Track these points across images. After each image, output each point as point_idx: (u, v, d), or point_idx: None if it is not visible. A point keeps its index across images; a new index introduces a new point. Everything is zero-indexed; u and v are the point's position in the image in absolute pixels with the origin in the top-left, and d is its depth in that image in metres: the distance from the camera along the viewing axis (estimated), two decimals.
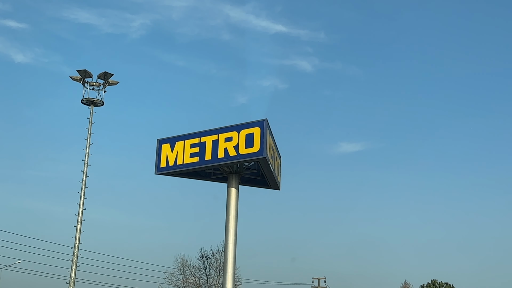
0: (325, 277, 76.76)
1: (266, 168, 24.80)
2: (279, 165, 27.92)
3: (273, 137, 25.04)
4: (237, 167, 25.29)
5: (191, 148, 24.45)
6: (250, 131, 23.85)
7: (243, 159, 24.05)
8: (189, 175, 25.88)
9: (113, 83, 45.96)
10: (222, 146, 24.12)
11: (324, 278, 76.68)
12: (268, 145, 23.97)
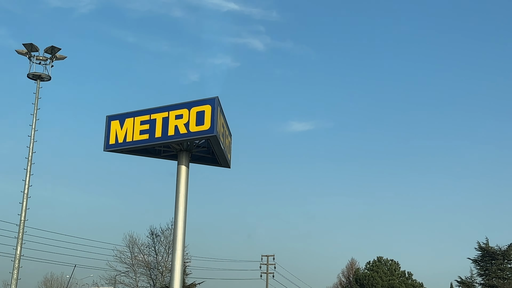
0: (273, 255, 77.61)
1: (217, 146, 24.80)
2: (229, 143, 27.95)
3: (224, 115, 25.03)
4: (188, 145, 25.23)
5: (141, 125, 24.25)
6: (200, 108, 23.81)
7: (194, 136, 24.02)
8: (139, 152, 25.69)
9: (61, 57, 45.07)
10: (172, 124, 24.00)
11: (273, 255, 77.51)
12: (218, 123, 23.96)
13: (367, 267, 70.09)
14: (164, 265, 52.56)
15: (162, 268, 52.87)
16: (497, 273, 74.01)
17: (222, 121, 24.44)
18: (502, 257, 74.90)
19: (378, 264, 69.31)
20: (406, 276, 68.27)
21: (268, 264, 77.39)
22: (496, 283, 73.95)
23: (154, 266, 53.77)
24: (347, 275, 78.34)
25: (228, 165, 27.35)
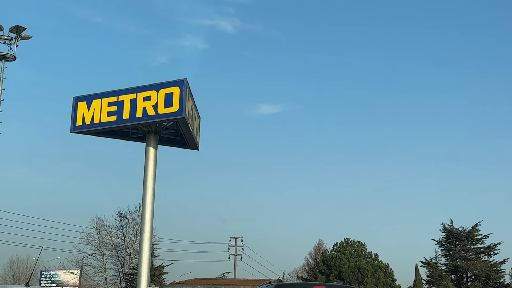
0: (242, 236, 77.94)
1: (185, 128, 24.78)
2: (198, 125, 27.91)
3: (192, 97, 24.99)
4: (156, 127, 25.15)
5: (108, 107, 24.09)
6: (169, 90, 23.73)
7: (162, 118, 23.96)
8: (106, 134, 25.54)
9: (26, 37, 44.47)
10: (140, 105, 23.90)
11: (241, 237, 77.85)
12: (187, 105, 23.93)
13: (334, 249, 70.73)
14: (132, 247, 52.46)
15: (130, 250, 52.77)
16: (461, 254, 75.45)
17: (190, 103, 24.41)
18: (466, 238, 76.35)
19: (345, 246, 69.97)
20: (372, 258, 69.08)
21: (236, 246, 77.73)
22: (459, 263, 75.39)
23: (122, 248, 53.66)
24: (314, 256, 79.04)
25: (197, 147, 27.34)
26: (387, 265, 68.46)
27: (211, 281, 72.14)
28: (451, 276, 77.06)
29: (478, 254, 76.76)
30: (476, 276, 75.59)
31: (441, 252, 79.12)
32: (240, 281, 72.32)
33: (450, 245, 78.52)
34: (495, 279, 75.03)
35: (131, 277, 47.55)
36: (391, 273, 68.00)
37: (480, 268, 74.22)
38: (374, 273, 65.62)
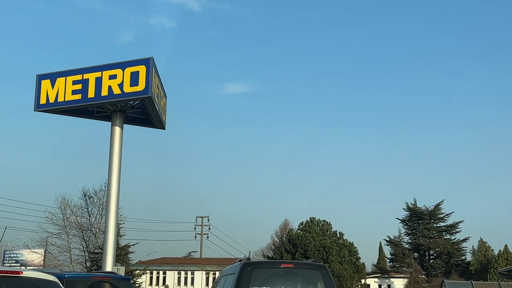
0: (208, 216, 77.95)
1: (151, 107, 24.62)
2: (164, 104, 27.76)
3: (158, 76, 24.77)
4: (122, 106, 24.93)
5: (73, 85, 23.79)
6: (135, 69, 23.50)
7: (128, 97, 23.77)
8: (71, 112, 25.24)
9: None
10: (106, 84, 23.63)
11: (208, 216, 77.86)
12: (153, 84, 23.74)
13: (300, 228, 71.20)
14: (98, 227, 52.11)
15: (96, 230, 52.43)
16: (423, 233, 76.83)
17: (157, 82, 24.19)
18: (429, 217, 77.77)
19: (310, 225, 70.46)
20: (337, 236, 69.71)
21: (202, 225, 77.74)
22: (422, 242, 76.80)
23: (87, 227, 53.26)
24: (280, 235, 79.51)
25: (163, 126, 27.24)
26: (351, 243, 69.22)
27: (177, 260, 72.19)
28: (414, 254, 78.45)
29: (441, 233, 78.28)
30: (438, 253, 77.11)
31: (405, 230, 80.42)
32: (206, 260, 72.55)
33: (413, 223, 79.87)
34: (456, 257, 76.67)
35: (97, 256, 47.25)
36: (356, 251, 68.77)
37: (442, 246, 75.71)
38: (339, 251, 66.30)
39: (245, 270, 9.74)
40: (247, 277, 9.66)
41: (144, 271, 55.35)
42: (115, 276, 13.28)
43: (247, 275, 9.68)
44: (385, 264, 78.82)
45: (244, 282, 9.60)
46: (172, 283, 67.47)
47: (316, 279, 10.21)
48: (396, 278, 73.71)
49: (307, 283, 10.37)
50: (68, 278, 11.77)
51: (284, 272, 10.33)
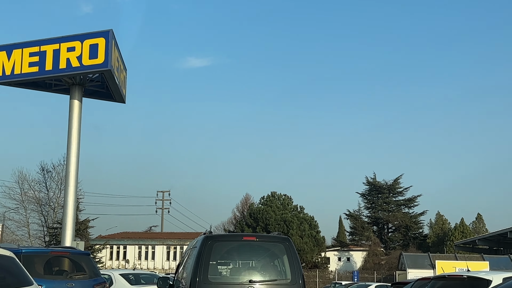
0: (169, 190, 77.79)
1: (111, 81, 24.29)
2: (124, 77, 27.41)
3: (118, 49, 24.42)
4: (81, 79, 24.55)
5: (30, 57, 23.29)
6: (94, 41, 23.11)
7: (87, 70, 23.41)
8: (28, 85, 24.75)
9: None
10: (64, 56, 23.21)
11: (169, 191, 77.70)
12: (113, 56, 23.40)
13: (261, 202, 71.59)
14: (56, 201, 51.60)
15: (54, 205, 51.90)
16: (382, 206, 78.17)
17: (116, 55, 23.85)
18: (388, 191, 79.11)
19: (271, 199, 70.91)
20: (298, 210, 70.33)
21: (163, 200, 77.56)
22: (381, 215, 78.18)
23: (45, 202, 52.70)
24: (241, 209, 79.82)
25: (123, 100, 26.93)
26: (312, 217, 69.97)
27: (138, 235, 72.04)
28: (373, 227, 79.85)
29: (399, 206, 79.77)
30: (396, 227, 78.63)
31: (364, 204, 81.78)
32: (167, 234, 72.49)
33: (373, 197, 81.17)
34: (414, 230, 78.33)
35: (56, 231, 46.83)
36: (316, 225, 69.57)
37: (401, 219, 77.21)
38: (300, 225, 66.96)
39: (206, 244, 9.66)
40: (208, 251, 9.57)
41: (104, 246, 55.14)
42: (73, 251, 13.17)
43: (208, 248, 9.59)
44: (344, 238, 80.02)
45: (205, 256, 9.52)
46: (133, 258, 67.35)
47: (280, 252, 10.10)
48: (355, 251, 74.94)
49: (270, 256, 10.29)
50: (25, 253, 11.62)
51: (246, 245, 10.25)
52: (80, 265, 12.27)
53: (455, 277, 12.60)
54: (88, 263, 12.38)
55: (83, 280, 11.87)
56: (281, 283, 9.71)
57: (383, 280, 54.37)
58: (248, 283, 9.53)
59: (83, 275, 12.02)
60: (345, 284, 44.18)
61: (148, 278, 17.39)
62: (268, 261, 10.28)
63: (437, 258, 39.98)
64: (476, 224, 73.00)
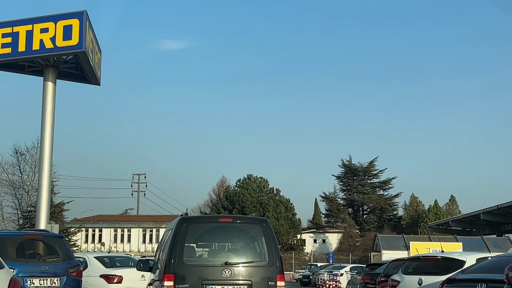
0: (145, 173, 77.47)
1: (86, 62, 24.04)
2: (99, 59, 27.14)
3: (93, 30, 24.14)
4: (54, 61, 24.27)
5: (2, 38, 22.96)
6: (68, 22, 22.80)
7: (61, 52, 23.14)
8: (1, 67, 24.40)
9: None
10: (37, 38, 22.89)
11: (144, 174, 77.40)
12: (87, 38, 23.13)
13: (237, 185, 71.73)
14: (30, 185, 51.18)
15: (28, 188, 51.50)
16: (358, 189, 78.89)
17: (91, 37, 23.58)
18: (363, 173, 79.80)
19: (248, 182, 71.08)
20: (274, 193, 70.62)
21: (139, 183, 77.26)
22: (356, 197, 78.91)
23: (19, 185, 52.25)
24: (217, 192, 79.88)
25: (98, 82, 26.68)
26: (288, 200, 70.34)
27: (114, 218, 71.80)
28: (348, 210, 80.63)
29: (374, 189, 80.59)
30: (371, 209, 79.50)
31: (340, 187, 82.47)
32: (143, 217, 72.39)
33: (348, 180, 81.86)
34: (389, 212, 79.23)
35: (30, 214, 46.52)
36: (292, 208, 69.98)
37: (375, 201, 78.04)
38: (276, 207, 67.29)
39: (181, 226, 9.58)
40: (184, 233, 9.50)
41: (80, 229, 54.83)
42: (47, 234, 13.04)
43: (184, 230, 9.52)
44: (320, 220, 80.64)
45: (180, 237, 9.46)
46: (108, 240, 67.19)
47: (257, 233, 10.02)
48: (330, 233, 75.61)
49: (247, 238, 10.21)
50: None
51: (223, 227, 10.13)
52: (54, 248, 12.14)
53: (430, 258, 12.84)
54: (61, 246, 12.26)
55: (57, 263, 11.76)
56: (258, 265, 9.62)
57: (358, 261, 54.91)
58: (224, 265, 9.44)
59: (57, 258, 11.91)
60: (320, 266, 44.58)
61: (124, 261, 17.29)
62: (245, 242, 10.18)
63: (411, 239, 40.49)
64: (449, 205, 73.98)
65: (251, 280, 9.48)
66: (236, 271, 9.48)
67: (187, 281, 9.29)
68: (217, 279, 9.39)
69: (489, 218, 44.35)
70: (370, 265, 23.58)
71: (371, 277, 20.17)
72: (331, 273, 31.26)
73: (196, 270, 9.43)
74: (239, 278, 9.46)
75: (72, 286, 11.76)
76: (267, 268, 9.59)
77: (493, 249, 34.00)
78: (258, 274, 9.54)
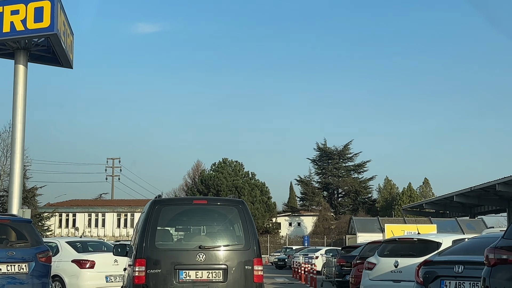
0: (119, 157, 77.01)
1: (58, 45, 23.66)
2: (71, 42, 26.72)
3: (65, 13, 23.73)
4: (25, 43, 23.85)
5: None
6: (39, 4, 22.39)
7: (32, 34, 22.74)
8: None
9: None
10: (7, 20, 22.45)
11: (119, 158, 76.93)
12: (59, 20, 22.73)
13: (212, 169, 71.66)
14: (2, 169, 50.52)
15: (0, 172, 50.87)
16: (332, 172, 79.24)
17: (63, 19, 23.19)
18: (338, 156, 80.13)
19: (223, 165, 71.04)
20: (249, 177, 70.71)
21: (113, 167, 76.79)
22: (331, 181, 79.27)
23: None
24: (192, 176, 79.71)
25: (70, 65, 26.31)
26: (263, 183, 70.51)
27: (88, 202, 71.29)
28: (323, 193, 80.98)
29: (349, 172, 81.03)
30: (346, 192, 79.97)
31: (315, 170, 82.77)
32: (118, 201, 71.93)
33: (323, 163, 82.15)
34: (363, 195, 79.79)
35: (2, 199, 46.00)
36: (267, 191, 70.21)
37: (350, 184, 78.51)
38: (251, 191, 67.43)
39: (153, 208, 9.26)
40: (156, 216, 9.18)
41: (53, 214, 54.34)
42: (14, 218, 12.77)
43: (156, 213, 9.19)
44: (295, 203, 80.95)
45: (152, 221, 9.16)
46: (83, 225, 66.74)
47: (233, 215, 9.65)
48: (305, 216, 76.04)
49: (223, 220, 9.84)
50: None
51: (197, 209, 9.81)
52: (22, 233, 11.86)
53: (406, 240, 12.78)
54: (30, 231, 11.98)
55: (25, 248, 11.47)
56: (234, 249, 9.33)
57: (333, 244, 55.31)
58: (198, 249, 9.16)
59: (25, 243, 11.62)
60: (295, 249, 44.78)
61: (96, 246, 17.05)
62: (220, 225, 9.86)
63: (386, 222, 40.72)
64: (423, 188, 74.69)
65: (226, 264, 9.19)
66: (211, 255, 9.19)
67: (159, 266, 9.00)
68: (190, 264, 9.11)
69: (462, 200, 44.85)
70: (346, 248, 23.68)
71: (347, 260, 20.31)
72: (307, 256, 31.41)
73: (169, 255, 9.13)
74: (214, 262, 9.18)
75: (41, 272, 11.46)
76: (244, 252, 9.30)
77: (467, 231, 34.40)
78: (234, 258, 9.25)
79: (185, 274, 9.07)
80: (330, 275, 24.35)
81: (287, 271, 37.72)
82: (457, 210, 52.68)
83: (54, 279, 14.69)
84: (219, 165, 71.22)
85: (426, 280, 8.51)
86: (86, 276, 14.96)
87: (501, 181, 35.58)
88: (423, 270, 8.66)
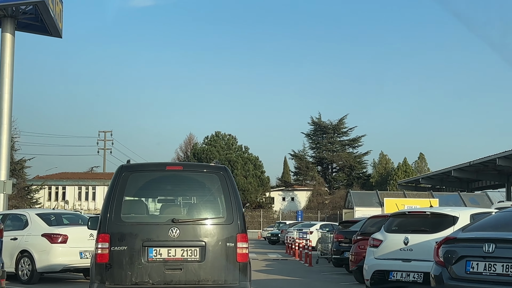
0: (111, 130, 76.17)
1: (46, 13, 22.87)
2: (60, 10, 25.83)
3: None
4: (13, 11, 23.03)
5: None
6: None
7: (20, 1, 21.96)
8: None
9: None
10: None
11: (111, 131, 76.09)
12: None
13: (205, 142, 71.04)
14: None
15: None
16: (327, 146, 78.63)
17: None
18: (333, 131, 79.46)
19: (216, 139, 70.40)
20: (242, 150, 70.14)
21: (105, 140, 76.02)
22: (326, 155, 78.72)
23: None
24: (185, 150, 79.10)
25: (60, 34, 25.53)
26: (257, 157, 69.90)
27: (78, 175, 70.47)
28: (317, 168, 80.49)
29: (343, 146, 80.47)
30: (340, 167, 79.45)
31: (309, 144, 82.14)
32: (109, 175, 71.09)
33: (318, 138, 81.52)
34: (358, 170, 79.32)
35: None
36: (261, 165, 69.61)
37: (345, 159, 77.97)
38: (244, 165, 66.83)
39: (120, 175, 8.06)
40: (122, 184, 7.99)
41: (42, 186, 53.55)
42: None
43: (123, 181, 8.02)
44: (289, 178, 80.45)
45: (118, 189, 7.96)
46: (73, 198, 66.01)
47: (213, 184, 8.32)
48: (299, 191, 75.55)
49: (201, 190, 8.56)
50: None
51: (171, 177, 8.48)
52: None
53: (417, 213, 11.60)
54: None
55: None
56: (214, 223, 8.10)
57: (327, 219, 54.91)
58: (171, 222, 7.93)
59: None
60: (289, 224, 44.27)
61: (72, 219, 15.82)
62: (198, 195, 8.61)
63: (386, 196, 39.84)
64: (418, 163, 74.18)
65: (204, 240, 7.97)
66: (186, 230, 7.95)
67: (125, 243, 7.81)
68: (162, 240, 7.87)
69: (460, 175, 44.46)
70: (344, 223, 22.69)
71: (345, 236, 19.05)
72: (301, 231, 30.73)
73: (136, 229, 7.92)
74: (189, 239, 7.94)
75: None
76: (225, 226, 8.06)
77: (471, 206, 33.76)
78: (213, 233, 8.03)
79: (156, 252, 7.87)
80: (326, 251, 23.34)
81: (281, 246, 37.31)
82: (454, 185, 52.29)
83: (23, 254, 13.80)
84: (211, 139, 70.56)
85: (447, 261, 7.40)
86: (57, 252, 13.66)
87: (501, 155, 35.19)
88: (444, 248, 7.56)
